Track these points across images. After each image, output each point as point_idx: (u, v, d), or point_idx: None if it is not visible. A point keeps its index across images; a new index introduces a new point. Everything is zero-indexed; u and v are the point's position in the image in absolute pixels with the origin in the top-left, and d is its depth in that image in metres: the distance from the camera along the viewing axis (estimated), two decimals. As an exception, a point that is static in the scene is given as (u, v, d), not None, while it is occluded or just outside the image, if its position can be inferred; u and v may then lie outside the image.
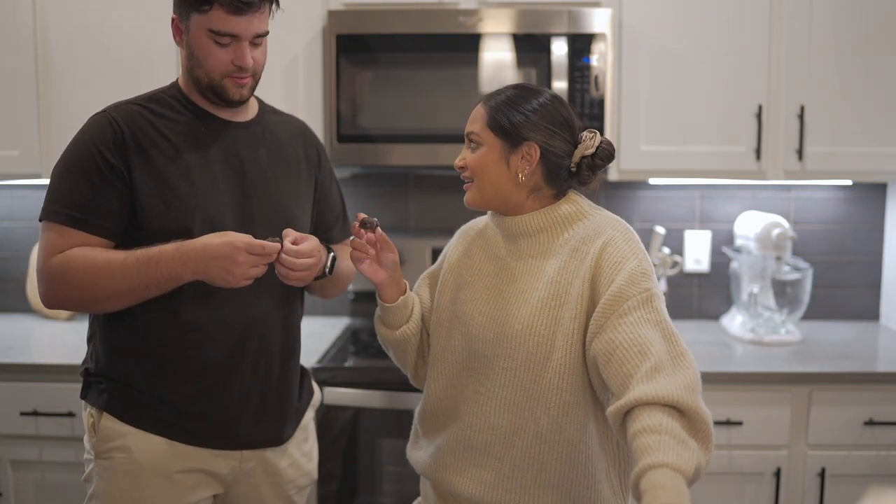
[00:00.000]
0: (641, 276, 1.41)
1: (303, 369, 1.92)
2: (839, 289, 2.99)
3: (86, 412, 1.75)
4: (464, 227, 1.72)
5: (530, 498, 1.49)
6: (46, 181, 2.67)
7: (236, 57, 1.63)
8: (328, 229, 1.93)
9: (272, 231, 1.66)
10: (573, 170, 1.54)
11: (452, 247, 1.69)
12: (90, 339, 1.78)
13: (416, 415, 1.69)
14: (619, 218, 1.54)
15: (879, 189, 2.96)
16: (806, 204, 2.97)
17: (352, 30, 2.54)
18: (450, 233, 1.80)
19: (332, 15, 2.54)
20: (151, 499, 1.68)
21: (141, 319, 1.68)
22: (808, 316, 2.85)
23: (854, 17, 2.57)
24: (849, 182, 2.87)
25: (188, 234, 1.62)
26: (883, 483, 2.36)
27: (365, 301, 2.96)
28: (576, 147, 1.53)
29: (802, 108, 2.58)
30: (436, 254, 2.80)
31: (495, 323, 1.52)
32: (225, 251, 1.55)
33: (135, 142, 1.65)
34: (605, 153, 1.53)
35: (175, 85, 1.76)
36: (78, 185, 1.63)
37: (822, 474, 2.39)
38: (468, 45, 2.52)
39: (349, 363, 2.51)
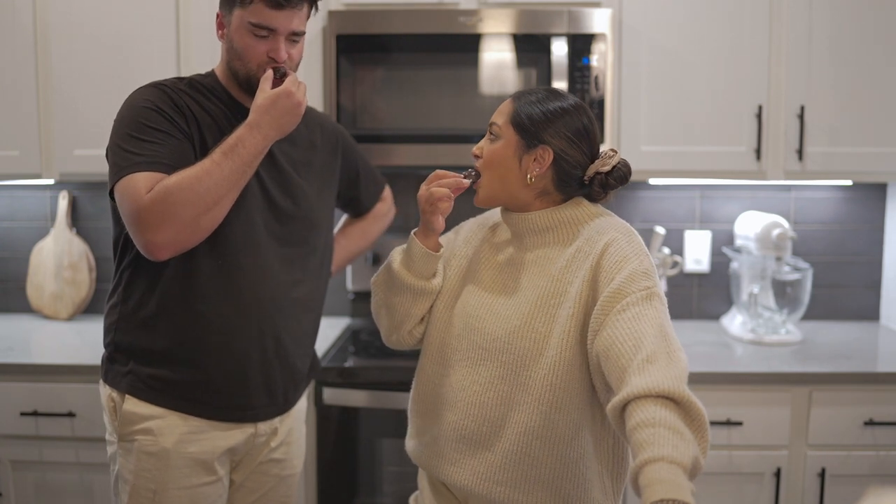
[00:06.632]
0: (642, 276, 1.42)
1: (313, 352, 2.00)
2: (839, 289, 2.99)
3: (105, 394, 1.78)
4: (481, 217, 1.74)
5: (521, 493, 1.50)
6: (47, 181, 2.72)
7: (272, 49, 1.71)
8: (364, 197, 2.17)
9: (295, 228, 1.81)
10: (585, 182, 1.55)
11: (471, 231, 1.71)
12: (108, 316, 1.80)
13: (410, 403, 1.69)
14: (623, 221, 1.55)
15: (879, 189, 2.96)
16: (806, 204, 2.97)
17: (352, 30, 2.54)
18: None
19: (332, 15, 2.54)
20: (176, 478, 1.73)
21: (162, 295, 1.72)
22: (808, 316, 2.85)
23: (854, 18, 2.57)
24: (849, 182, 2.87)
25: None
26: (883, 483, 2.36)
27: (365, 301, 2.96)
28: (592, 161, 1.54)
29: (802, 108, 2.58)
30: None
31: (496, 316, 1.54)
32: (280, 91, 1.66)
33: (189, 111, 1.72)
34: (620, 174, 1.54)
35: (212, 73, 1.82)
36: (145, 141, 1.64)
37: (822, 474, 2.39)
38: (468, 45, 2.52)
39: (349, 363, 2.50)
